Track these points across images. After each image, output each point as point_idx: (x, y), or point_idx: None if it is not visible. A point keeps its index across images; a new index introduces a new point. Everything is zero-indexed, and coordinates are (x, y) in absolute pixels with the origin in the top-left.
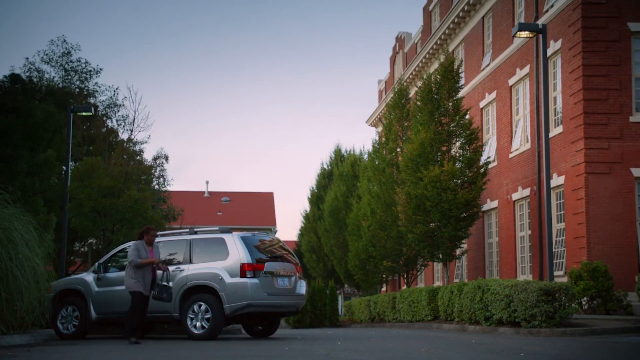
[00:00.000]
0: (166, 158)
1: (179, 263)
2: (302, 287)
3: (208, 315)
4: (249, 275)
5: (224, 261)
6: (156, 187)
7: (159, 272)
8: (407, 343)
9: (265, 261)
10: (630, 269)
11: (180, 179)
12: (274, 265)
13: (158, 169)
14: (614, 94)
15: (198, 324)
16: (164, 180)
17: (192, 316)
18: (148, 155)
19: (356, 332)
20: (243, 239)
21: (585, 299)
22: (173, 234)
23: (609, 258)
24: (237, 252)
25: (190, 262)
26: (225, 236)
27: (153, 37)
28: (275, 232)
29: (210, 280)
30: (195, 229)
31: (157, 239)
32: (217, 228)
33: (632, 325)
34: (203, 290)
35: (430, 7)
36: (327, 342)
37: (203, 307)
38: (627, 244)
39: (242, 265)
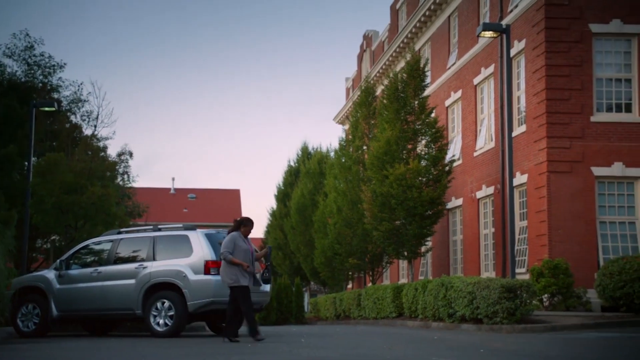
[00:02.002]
0: (130, 154)
1: (143, 260)
2: (267, 285)
3: (171, 313)
4: (212, 273)
5: (188, 258)
6: (120, 183)
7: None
8: (370, 340)
9: None
10: (590, 266)
11: (146, 175)
12: None
13: (122, 165)
14: (576, 94)
15: (161, 321)
16: (129, 177)
17: (155, 313)
18: (112, 152)
19: (321, 329)
20: (207, 236)
21: (546, 295)
22: (136, 231)
23: (570, 255)
24: (201, 249)
25: (154, 259)
26: (189, 233)
27: (118, 33)
28: None
29: (174, 278)
30: (159, 226)
31: (119, 236)
32: (181, 225)
33: (591, 321)
34: (166, 288)
35: (398, 6)
36: (291, 339)
37: (166, 304)
38: (587, 242)
39: (206, 263)
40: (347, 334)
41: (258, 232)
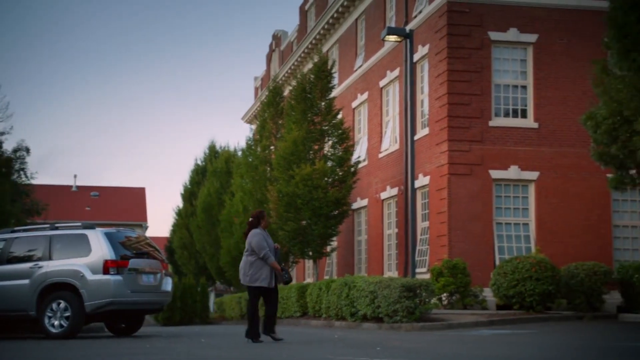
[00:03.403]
0: (27, 150)
1: (38, 259)
2: (168, 284)
3: (68, 314)
4: (112, 272)
5: (86, 258)
6: (17, 180)
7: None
8: (269, 339)
9: (130, 258)
10: (487, 265)
11: (46, 172)
12: (139, 262)
13: (19, 161)
14: (476, 99)
15: (56, 322)
16: (26, 174)
17: (50, 315)
18: (9, 147)
19: (224, 329)
20: (107, 235)
21: (445, 294)
22: (32, 229)
23: (468, 255)
24: (100, 248)
25: (50, 258)
26: (87, 232)
27: (17, 27)
28: (146, 228)
29: (71, 277)
30: (57, 224)
31: (13, 235)
32: (79, 224)
33: (485, 319)
34: (63, 288)
35: (306, 7)
36: (192, 339)
37: (62, 305)
38: (484, 242)
39: (105, 262)
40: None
41: (163, 231)
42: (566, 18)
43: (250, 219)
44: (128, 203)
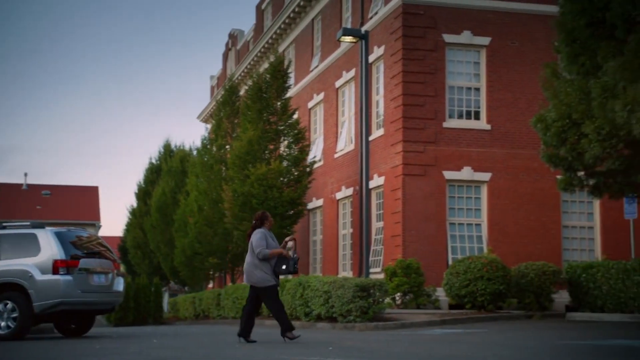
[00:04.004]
0: None
1: None
2: (120, 284)
3: (15, 315)
4: (62, 272)
5: (35, 257)
6: None
7: (290, 243)
8: (223, 339)
9: (81, 257)
10: (440, 265)
11: None
12: (90, 262)
13: None
14: (430, 101)
15: (3, 323)
16: None
17: None
18: None
19: (177, 329)
20: (57, 234)
21: (399, 294)
22: None
23: (422, 255)
24: (49, 248)
25: None
26: (37, 231)
27: None
28: (99, 227)
29: (19, 277)
30: (4, 224)
31: None
32: (28, 223)
33: (438, 318)
34: (10, 288)
35: (263, 6)
36: (143, 339)
37: (9, 305)
38: (438, 242)
39: (55, 262)
40: (202, 334)
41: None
42: (518, 22)
43: (254, 222)
44: (80, 202)
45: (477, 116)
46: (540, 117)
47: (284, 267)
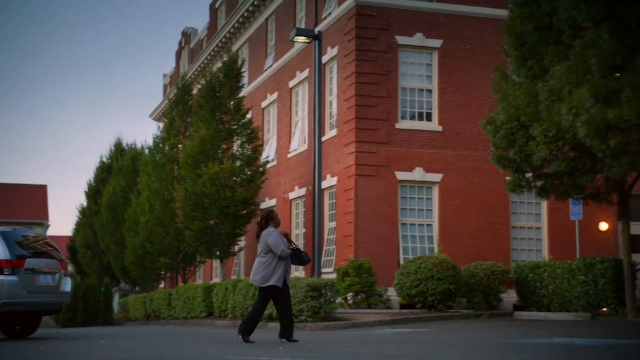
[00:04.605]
0: None
1: None
2: (67, 285)
3: None
4: (6, 273)
5: None
6: None
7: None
8: (173, 340)
9: (27, 257)
10: (392, 265)
11: None
12: (36, 262)
13: None
14: (383, 102)
15: None
16: None
17: None
18: None
19: (127, 330)
20: (2, 234)
21: (350, 294)
22: None
23: (374, 255)
24: None
25: None
26: None
27: None
28: (47, 226)
29: None
30: None
31: None
32: None
33: (389, 318)
34: None
35: (217, 5)
36: (91, 340)
37: None
38: (389, 243)
39: (0, 262)
40: (151, 335)
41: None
42: (469, 25)
43: (259, 220)
44: (28, 201)
45: (429, 117)
46: (490, 119)
47: (304, 257)
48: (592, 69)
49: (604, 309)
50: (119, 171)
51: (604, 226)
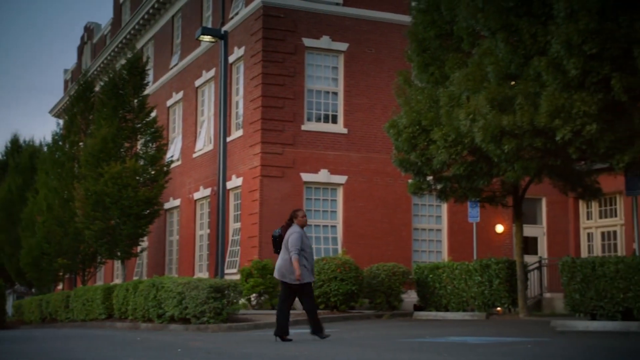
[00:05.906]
0: None
1: None
2: None
3: None
4: None
5: None
6: None
7: None
8: (67, 343)
9: None
10: None
11: None
12: None
13: None
14: (289, 103)
15: None
16: None
17: None
18: None
19: (19, 334)
20: None
21: (254, 295)
22: None
23: (278, 257)
24: None
25: None
26: None
27: None
28: None
29: None
30: None
31: None
32: None
33: (291, 319)
34: None
35: (121, 0)
36: None
37: None
38: None
39: None
40: (44, 339)
41: None
42: (375, 29)
43: (288, 221)
44: None
45: (334, 120)
46: (393, 123)
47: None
48: (489, 76)
49: (498, 308)
50: (15, 169)
51: (500, 228)
